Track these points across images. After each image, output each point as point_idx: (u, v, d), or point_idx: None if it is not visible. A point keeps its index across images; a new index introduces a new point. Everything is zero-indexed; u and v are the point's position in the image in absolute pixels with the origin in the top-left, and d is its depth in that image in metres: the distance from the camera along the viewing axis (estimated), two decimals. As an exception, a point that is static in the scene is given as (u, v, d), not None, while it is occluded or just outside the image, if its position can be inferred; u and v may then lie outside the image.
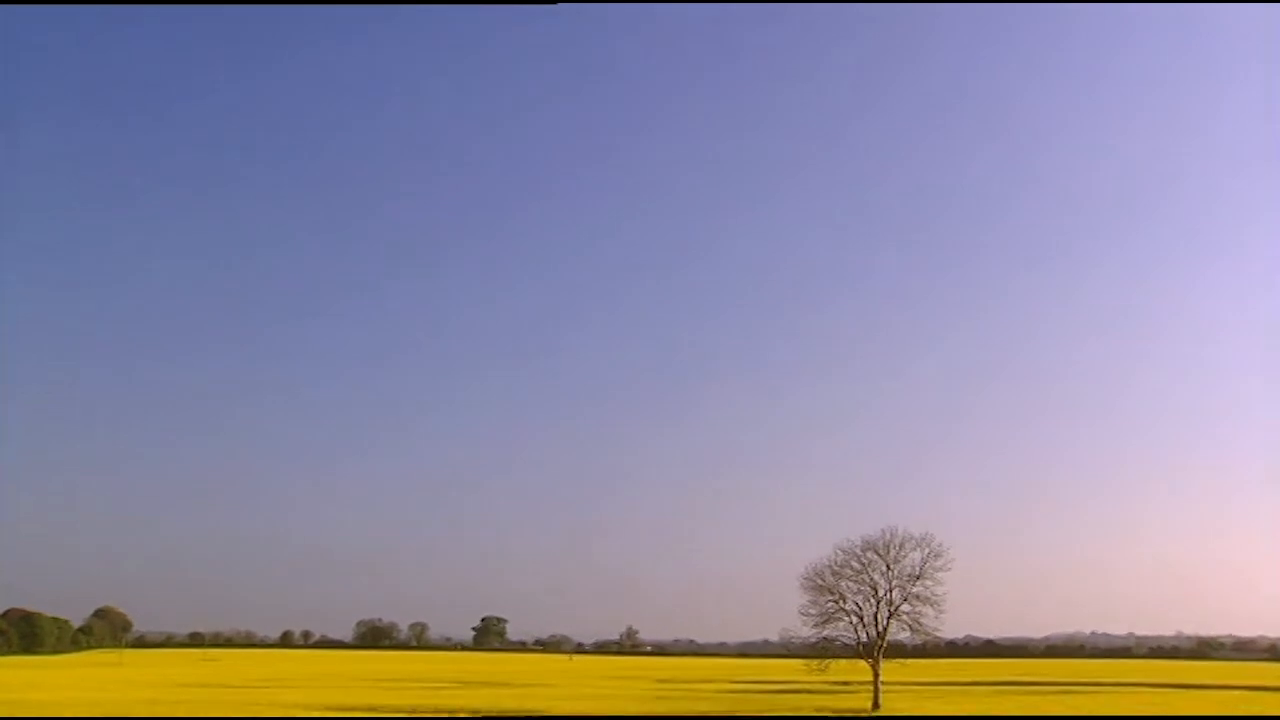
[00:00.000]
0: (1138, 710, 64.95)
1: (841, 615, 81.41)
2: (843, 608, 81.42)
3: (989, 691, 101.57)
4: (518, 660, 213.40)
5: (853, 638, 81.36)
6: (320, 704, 72.85)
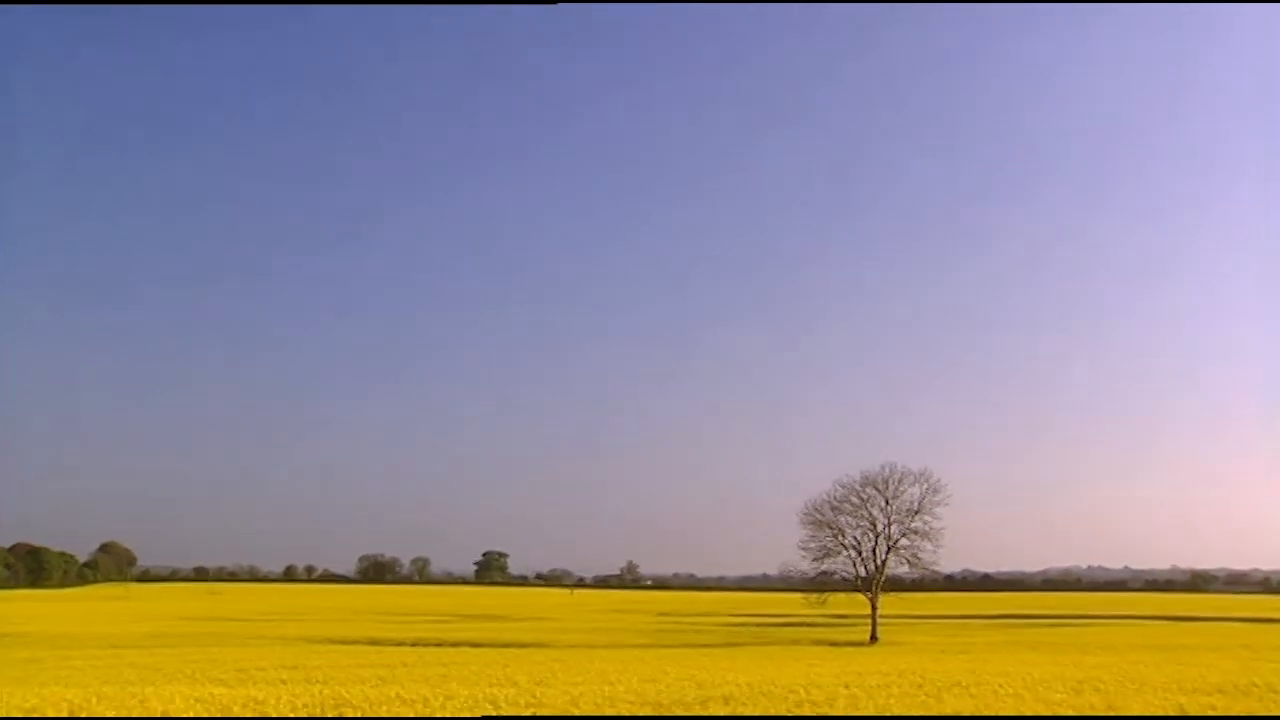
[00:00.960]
0: (1133, 641, 65.55)
1: (840, 550, 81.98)
2: (841, 542, 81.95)
3: (985, 624, 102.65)
4: (519, 594, 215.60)
5: (851, 572, 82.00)
6: (323, 636, 73.51)
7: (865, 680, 25.67)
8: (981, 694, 21.13)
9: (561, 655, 50.59)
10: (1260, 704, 19.64)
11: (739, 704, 18.67)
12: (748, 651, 59.39)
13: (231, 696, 20.02)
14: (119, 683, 28.47)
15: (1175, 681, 25.74)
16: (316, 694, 21.45)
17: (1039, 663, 38.71)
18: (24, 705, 17.08)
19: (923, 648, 62.48)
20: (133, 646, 59.47)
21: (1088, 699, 20.12)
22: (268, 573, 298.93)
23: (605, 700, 19.18)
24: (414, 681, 28.24)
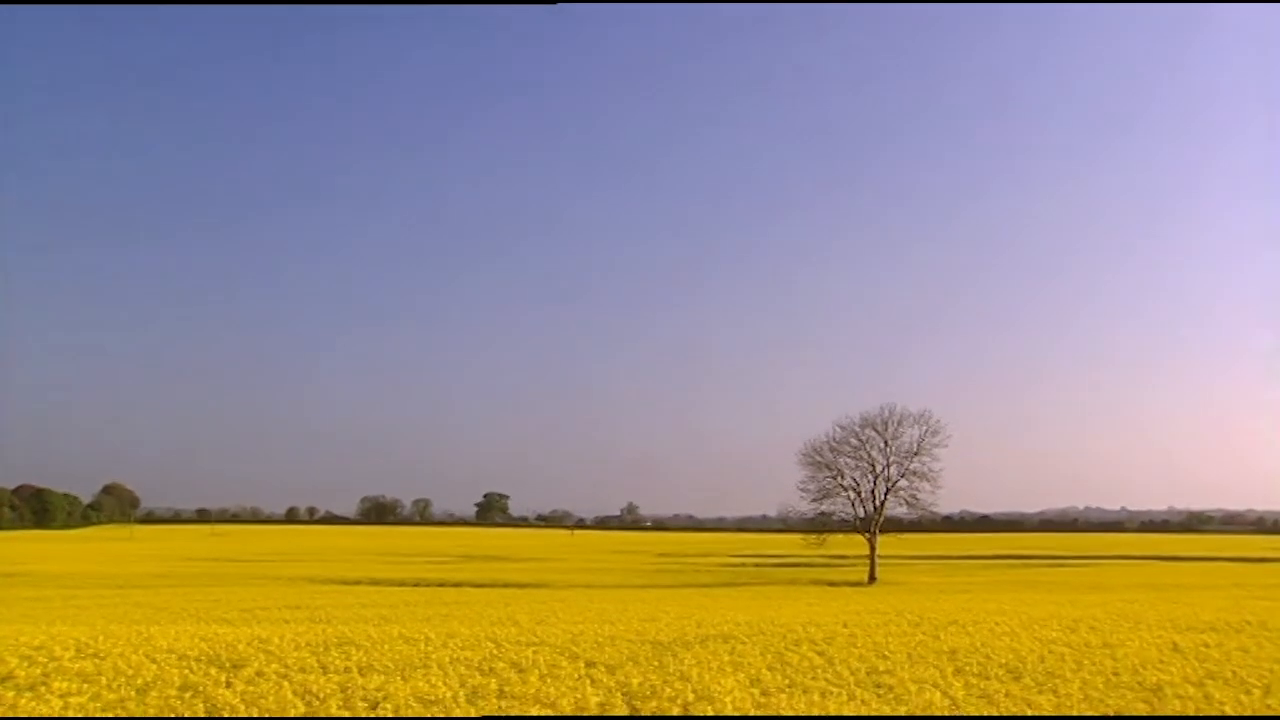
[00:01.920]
0: (1128, 580, 66.20)
1: (839, 491, 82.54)
2: (840, 483, 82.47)
3: (983, 564, 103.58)
4: (520, 535, 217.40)
5: (850, 513, 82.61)
6: (326, 577, 74.17)
7: (863, 619, 25.89)
8: (979, 632, 21.32)
9: (562, 595, 51.07)
10: (1252, 640, 19.81)
11: (737, 642, 18.85)
12: (747, 591, 59.95)
13: (236, 635, 20.20)
14: (125, 621, 28.74)
15: (1169, 619, 25.98)
16: (320, 633, 21.63)
17: (1036, 602, 39.06)
18: (32, 643, 17.22)
19: (921, 587, 63.07)
20: (137, 586, 60.02)
21: (1083, 636, 20.31)
22: (270, 514, 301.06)
23: (605, 639, 19.35)
24: (416, 621, 28.50)
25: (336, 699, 11.70)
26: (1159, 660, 16.32)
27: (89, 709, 10.95)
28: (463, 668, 14.79)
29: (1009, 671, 15.00)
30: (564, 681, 13.43)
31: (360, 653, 16.50)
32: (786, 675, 14.39)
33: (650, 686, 12.74)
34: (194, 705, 11.33)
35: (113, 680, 13.07)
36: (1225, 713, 11.21)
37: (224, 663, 15.19)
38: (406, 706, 11.33)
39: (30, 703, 10.89)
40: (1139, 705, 11.66)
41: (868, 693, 12.93)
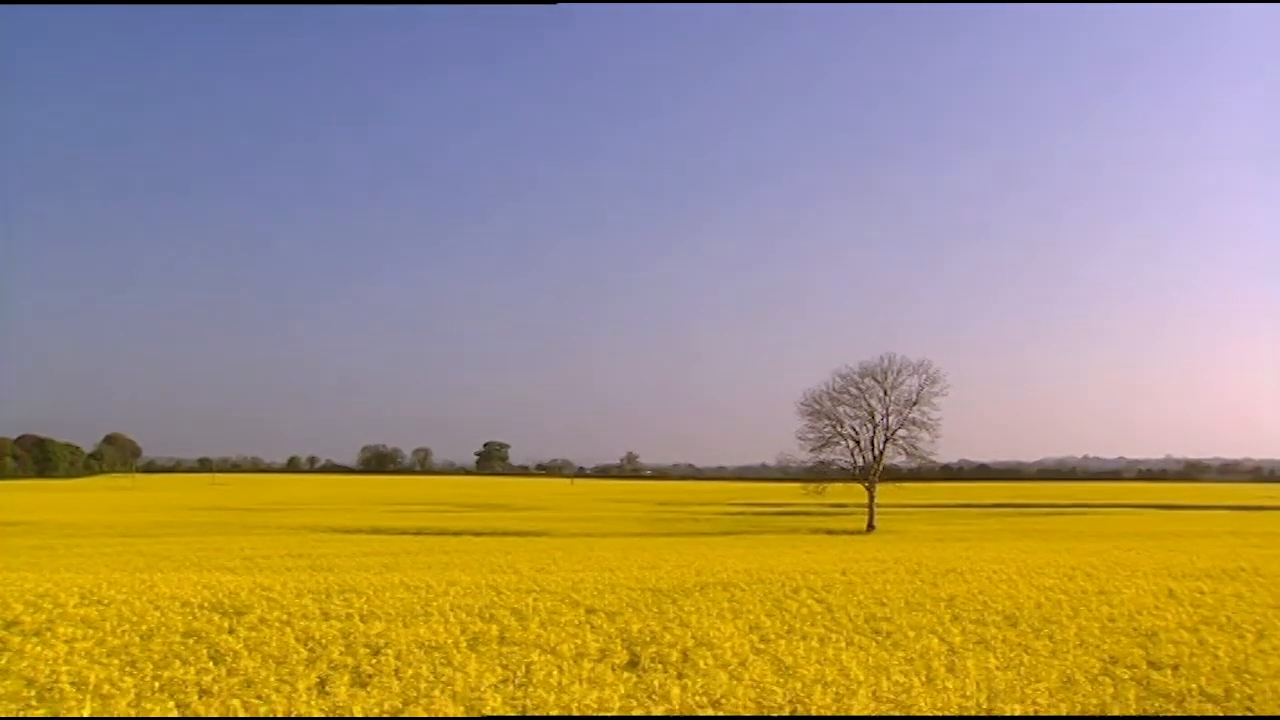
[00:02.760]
0: (1126, 529, 66.61)
1: (838, 440, 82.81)
2: (840, 432, 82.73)
3: (981, 513, 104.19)
4: (520, 484, 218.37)
5: (849, 461, 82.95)
6: (327, 525, 74.62)
7: (862, 566, 26.07)
8: (976, 579, 21.48)
9: (562, 543, 51.39)
10: (1246, 586, 19.99)
11: (736, 589, 18.99)
12: (746, 540, 60.34)
13: (239, 583, 20.34)
14: (128, 569, 28.93)
15: (1165, 567, 26.17)
16: (322, 580, 21.78)
17: (1033, 550, 39.31)
18: (37, 589, 17.34)
19: (919, 536, 63.48)
20: (140, 535, 60.39)
21: (1079, 583, 20.46)
22: (270, 463, 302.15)
23: (606, 586, 19.49)
24: (417, 569, 28.69)
25: (338, 645, 11.78)
26: (1154, 606, 16.46)
27: (94, 654, 11.04)
28: (464, 614, 14.90)
29: (1006, 618, 15.13)
30: (564, 628, 13.54)
31: (362, 600, 16.62)
32: (785, 622, 14.50)
33: (650, 633, 12.83)
34: (197, 651, 11.42)
35: (117, 626, 13.17)
36: (1219, 656, 11.30)
37: (227, 609, 15.30)
38: (408, 652, 11.42)
39: (36, 647, 10.97)
40: (1134, 650, 11.75)
41: (866, 638, 13.03)
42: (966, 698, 8.51)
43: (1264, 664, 10.81)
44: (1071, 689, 9.56)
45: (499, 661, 10.63)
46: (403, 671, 10.02)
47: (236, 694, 8.81)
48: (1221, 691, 9.55)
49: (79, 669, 9.75)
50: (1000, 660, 11.10)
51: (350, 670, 10.54)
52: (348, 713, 7.92)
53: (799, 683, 8.70)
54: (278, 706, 8.14)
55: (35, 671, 9.57)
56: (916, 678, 9.60)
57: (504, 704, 8.04)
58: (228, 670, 10.42)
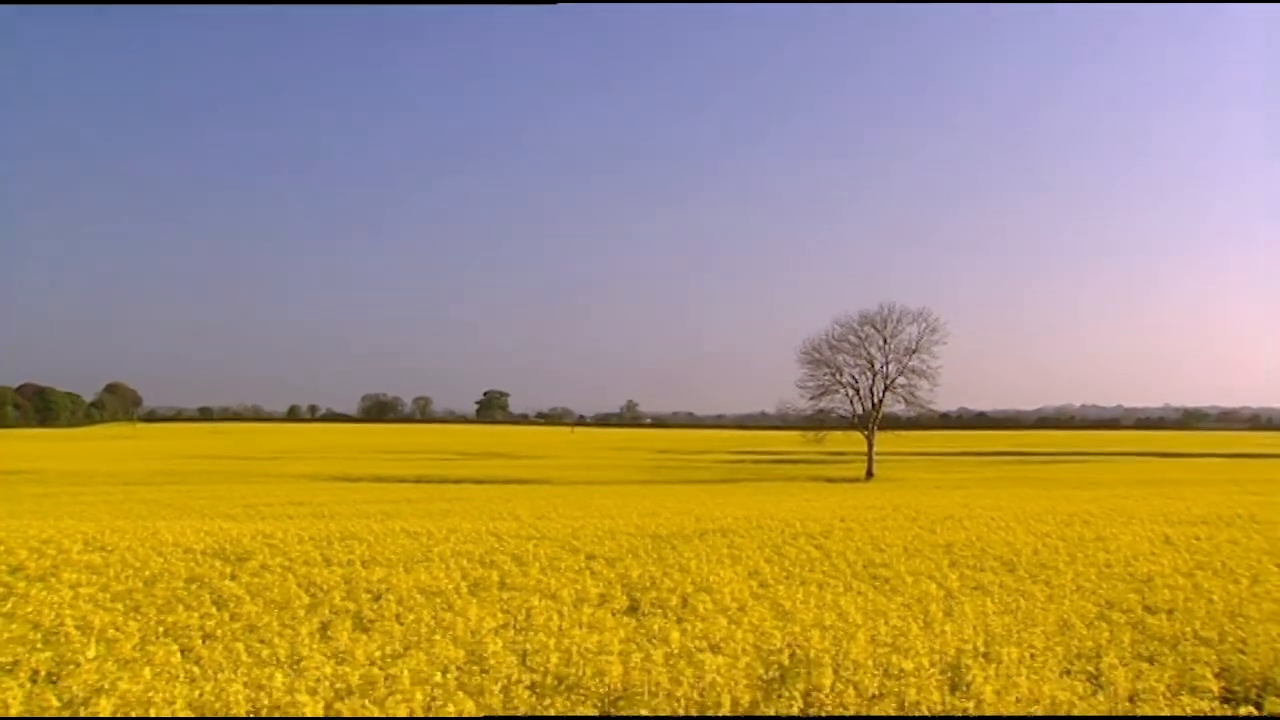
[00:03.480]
0: (1123, 476, 66.98)
1: (838, 388, 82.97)
2: (839, 380, 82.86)
3: (980, 461, 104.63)
4: (520, 433, 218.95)
5: (848, 410, 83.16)
6: (328, 474, 75.01)
7: (861, 514, 26.22)
8: (974, 526, 21.61)
9: (562, 491, 51.70)
10: (1242, 532, 20.10)
11: (736, 536, 19.12)
12: (745, 487, 60.66)
13: (240, 530, 20.48)
14: (131, 517, 29.13)
15: (1162, 514, 26.32)
16: (323, 528, 21.93)
17: (1031, 497, 39.54)
18: (41, 536, 17.47)
19: (917, 483, 63.81)
20: (142, 484, 60.72)
21: (1077, 530, 20.59)
22: (271, 412, 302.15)
23: (605, 533, 19.63)
24: (418, 516, 28.87)
25: (340, 591, 11.88)
26: (1150, 552, 16.57)
27: (99, 599, 11.13)
28: (464, 561, 15.01)
29: (1003, 564, 15.24)
30: (564, 574, 13.64)
31: (363, 546, 16.74)
32: (784, 567, 14.61)
33: (650, 578, 12.93)
34: (200, 596, 11.51)
35: (120, 572, 13.28)
36: (1213, 600, 11.39)
37: (229, 556, 15.42)
38: (409, 598, 11.51)
39: (41, 592, 11.06)
40: (1130, 595, 11.85)
41: (864, 584, 13.12)
42: (964, 641, 8.58)
43: (1258, 608, 10.90)
44: (1067, 633, 9.64)
45: (500, 606, 10.72)
46: (404, 616, 10.11)
47: (239, 638, 8.88)
48: (1215, 635, 9.63)
49: (84, 613, 9.83)
50: (997, 605, 11.19)
51: (352, 615, 10.63)
52: (350, 657, 8.00)
53: (797, 626, 8.77)
54: (280, 650, 8.21)
55: (41, 616, 9.65)
56: (914, 622, 9.67)
57: (504, 648, 8.11)
58: (230, 615, 10.51)
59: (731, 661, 7.51)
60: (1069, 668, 8.39)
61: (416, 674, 7.06)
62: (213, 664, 7.80)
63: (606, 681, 7.17)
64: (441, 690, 6.65)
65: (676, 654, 7.90)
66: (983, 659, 8.18)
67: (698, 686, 6.90)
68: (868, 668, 7.48)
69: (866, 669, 7.45)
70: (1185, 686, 7.70)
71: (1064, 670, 8.23)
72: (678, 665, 7.28)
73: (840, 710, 6.70)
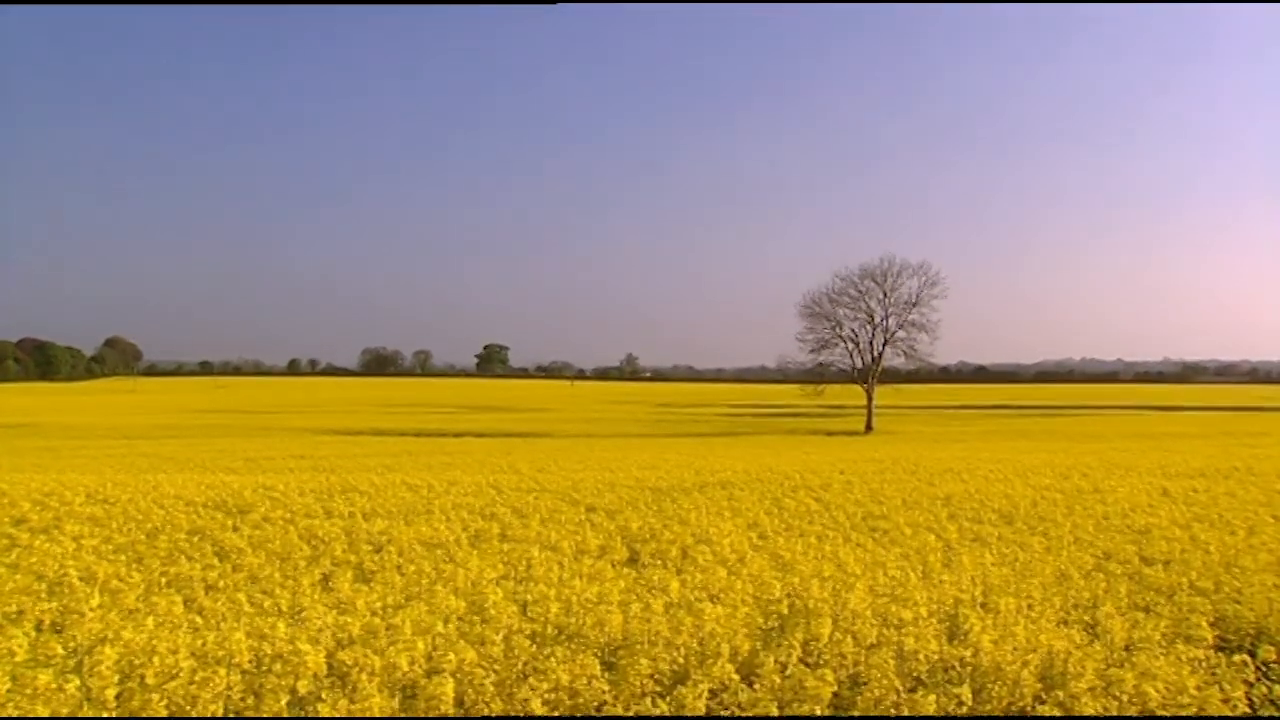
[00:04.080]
0: (1122, 430, 67.22)
1: (838, 341, 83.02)
2: (839, 334, 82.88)
3: (979, 414, 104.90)
4: (520, 386, 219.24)
5: (848, 363, 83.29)
6: (328, 428, 75.20)
7: (860, 467, 26.34)
8: (973, 479, 21.70)
9: (562, 444, 51.88)
10: (1239, 485, 20.18)
11: (735, 488, 19.20)
12: (745, 440, 60.85)
13: (242, 483, 20.57)
14: (132, 470, 29.25)
15: (1160, 466, 26.43)
16: (324, 480, 22.02)
17: (1030, 450, 39.69)
18: (43, 489, 17.56)
19: (917, 437, 64.01)
20: (143, 437, 60.91)
21: (1075, 483, 20.68)
22: (271, 366, 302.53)
23: (605, 486, 19.71)
24: (418, 469, 28.98)
25: (341, 543, 11.94)
26: (1148, 505, 16.64)
27: (101, 550, 11.19)
28: (465, 513, 15.08)
29: (1002, 516, 15.31)
30: (565, 525, 13.70)
31: (364, 499, 16.81)
32: (784, 520, 14.68)
33: (649, 530, 12.99)
34: (203, 548, 11.57)
35: (123, 524, 13.34)
36: (1210, 551, 11.45)
37: (230, 508, 15.49)
38: (410, 549, 11.57)
39: (44, 544, 11.12)
40: (1127, 547, 11.90)
41: (863, 535, 13.19)
42: (962, 591, 8.63)
43: (1253, 559, 10.96)
44: (1065, 584, 9.70)
45: (500, 558, 10.78)
46: (405, 568, 10.16)
47: (242, 589, 8.95)
48: (1211, 585, 9.68)
49: (87, 564, 9.89)
50: (996, 556, 11.25)
51: (353, 566, 10.69)
52: (351, 607, 8.05)
53: (796, 577, 8.82)
54: (282, 601, 8.27)
55: (44, 567, 9.71)
56: (913, 573, 9.74)
57: (505, 598, 8.16)
58: (233, 566, 10.57)
59: (731, 611, 7.56)
60: (1066, 617, 8.44)
61: (418, 624, 7.11)
62: (215, 614, 7.86)
63: (607, 631, 7.22)
64: (443, 640, 6.70)
65: (676, 604, 7.96)
66: (981, 609, 8.23)
67: (697, 636, 6.94)
68: (866, 617, 7.53)
69: (865, 619, 7.50)
70: (1180, 635, 7.75)
71: (1061, 620, 8.28)
72: (677, 615, 7.33)
73: (839, 659, 6.75)
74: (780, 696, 5.97)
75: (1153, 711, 5.94)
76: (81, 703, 5.26)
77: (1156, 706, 6.01)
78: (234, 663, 6.01)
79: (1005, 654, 6.62)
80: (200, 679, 5.41)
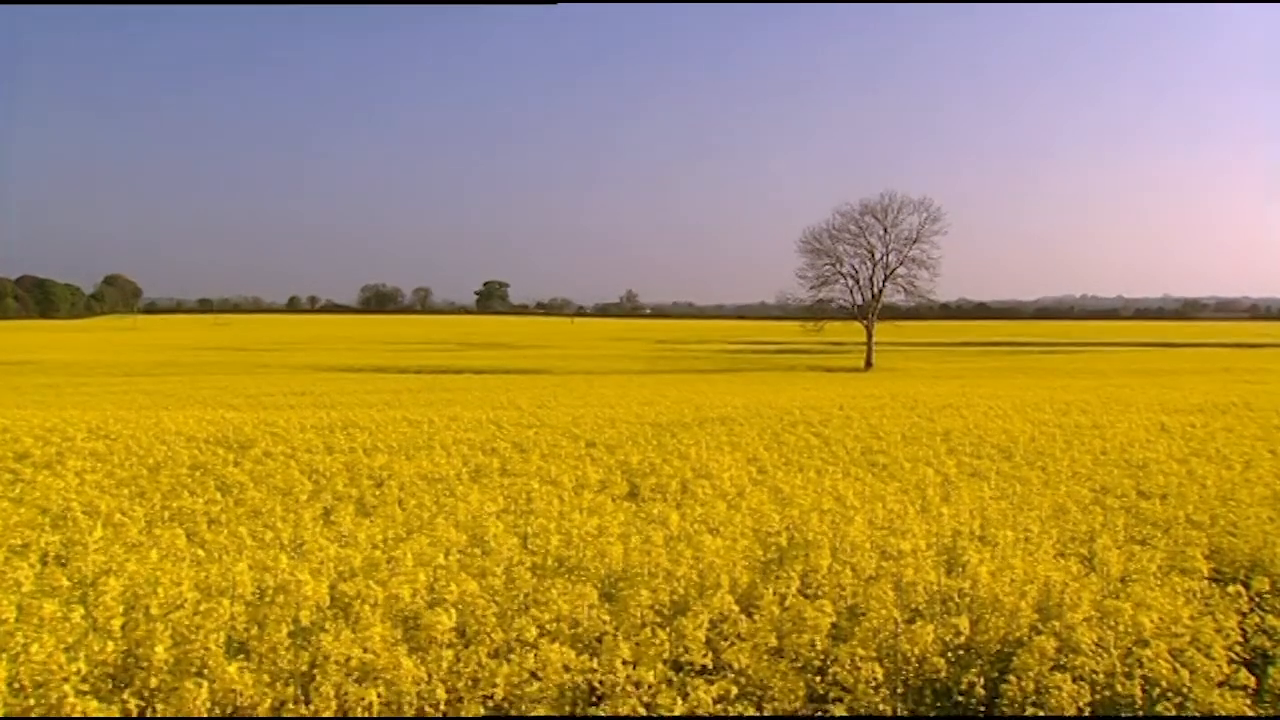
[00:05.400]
0: (1121, 366, 67.34)
1: (838, 278, 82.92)
2: (839, 271, 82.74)
3: (978, 351, 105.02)
4: (520, 323, 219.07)
5: (848, 300, 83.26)
6: (329, 365, 75.31)
7: (859, 403, 26.40)
8: (972, 414, 21.77)
9: (563, 381, 51.97)
10: (1237, 420, 20.29)
11: (735, 424, 19.27)
12: (744, 377, 60.97)
13: (243, 419, 20.64)
14: (134, 407, 29.33)
15: (1158, 402, 26.52)
16: (325, 416, 22.10)
17: (1029, 386, 39.78)
18: (45, 425, 17.62)
19: (916, 373, 64.13)
20: (144, 375, 61.05)
21: (1074, 418, 20.75)
22: (271, 304, 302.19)
23: (605, 421, 19.77)
24: (419, 405, 29.06)
25: (342, 477, 11.99)
26: (1146, 439, 16.72)
27: (104, 485, 11.25)
28: (465, 448, 15.14)
29: (1000, 451, 15.38)
30: (565, 460, 13.76)
31: (365, 434, 16.88)
32: (783, 454, 14.74)
33: (649, 464, 13.04)
34: (205, 483, 11.62)
35: (125, 459, 13.40)
36: (1206, 485, 11.51)
37: (232, 444, 15.55)
38: (411, 484, 11.62)
39: (47, 478, 11.17)
40: (1125, 481, 11.97)
41: (862, 470, 13.25)
42: (960, 524, 8.69)
43: (1249, 492, 11.03)
44: (1062, 517, 9.76)
45: (501, 492, 10.83)
46: (406, 502, 10.22)
47: (244, 523, 8.99)
48: (1207, 518, 9.74)
49: (90, 499, 9.93)
50: (994, 490, 11.32)
51: (354, 501, 10.75)
52: (353, 540, 8.11)
53: (796, 511, 8.87)
54: (284, 534, 8.32)
55: (48, 501, 9.75)
56: (911, 506, 9.80)
57: (505, 531, 8.22)
58: (235, 501, 10.63)
59: (730, 544, 7.61)
60: (1063, 550, 8.51)
61: (419, 556, 7.16)
62: (218, 547, 7.90)
63: (607, 563, 7.27)
64: (444, 572, 6.75)
65: (676, 537, 8.01)
66: (979, 542, 8.29)
67: (697, 568, 6.99)
68: (865, 549, 7.58)
69: (864, 550, 7.55)
70: (1176, 568, 7.81)
71: (1058, 553, 8.35)
72: (677, 547, 7.38)
73: (838, 590, 6.81)
74: (779, 627, 6.03)
75: (1147, 640, 6.00)
76: (87, 631, 5.31)
77: (1151, 636, 6.06)
78: (237, 594, 6.06)
79: (1003, 585, 6.68)
80: (204, 609, 5.45)
